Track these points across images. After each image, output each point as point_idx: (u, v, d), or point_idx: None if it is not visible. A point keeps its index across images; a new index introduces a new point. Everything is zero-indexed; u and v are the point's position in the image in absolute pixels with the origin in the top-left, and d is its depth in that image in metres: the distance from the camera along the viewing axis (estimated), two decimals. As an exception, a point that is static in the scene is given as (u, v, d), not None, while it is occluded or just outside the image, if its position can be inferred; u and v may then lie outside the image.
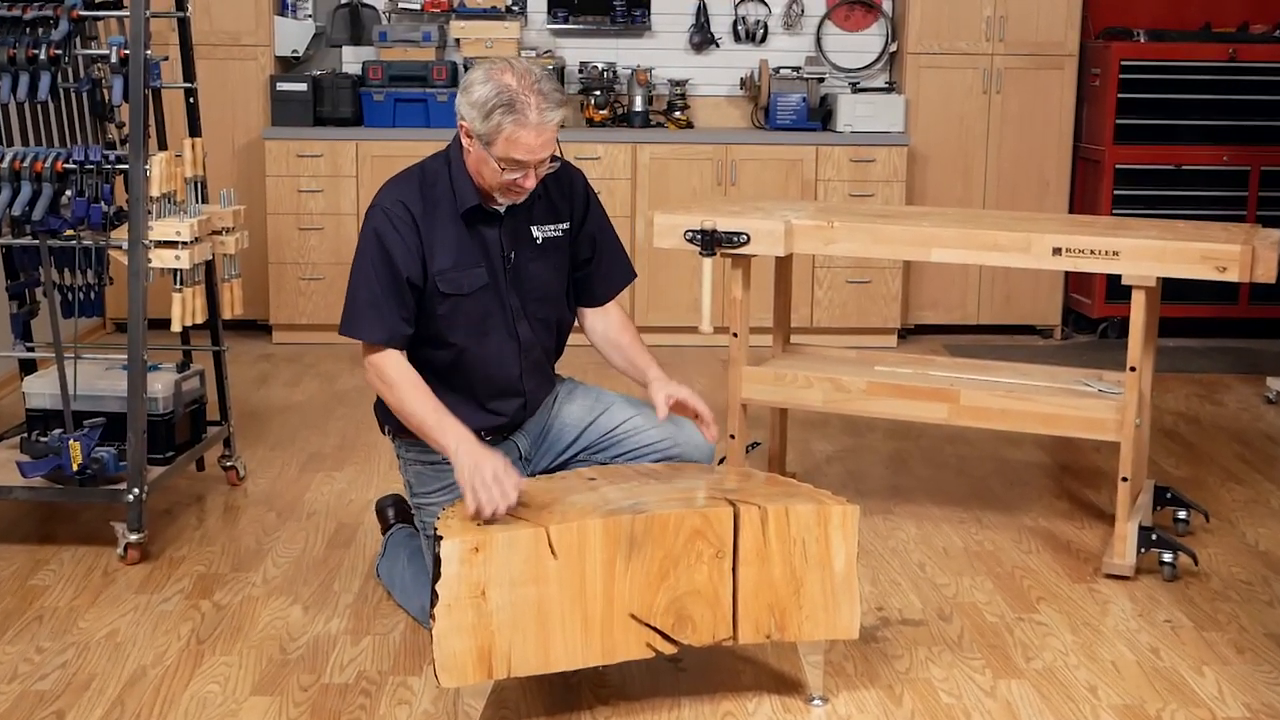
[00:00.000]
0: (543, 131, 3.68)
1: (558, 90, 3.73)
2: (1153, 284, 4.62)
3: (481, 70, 3.74)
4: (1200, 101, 8.25)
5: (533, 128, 3.67)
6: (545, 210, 3.99)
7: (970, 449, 6.22)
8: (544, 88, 3.69)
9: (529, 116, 3.66)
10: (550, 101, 3.68)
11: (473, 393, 3.99)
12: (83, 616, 4.31)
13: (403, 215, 3.82)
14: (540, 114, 3.67)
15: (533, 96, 3.66)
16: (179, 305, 4.94)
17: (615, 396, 4.22)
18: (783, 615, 3.68)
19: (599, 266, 4.14)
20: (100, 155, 4.81)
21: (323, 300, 8.04)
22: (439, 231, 3.85)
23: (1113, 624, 4.37)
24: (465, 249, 3.87)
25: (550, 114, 3.68)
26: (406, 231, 3.82)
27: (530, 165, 3.72)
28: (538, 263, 3.98)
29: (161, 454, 5.09)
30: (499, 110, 3.66)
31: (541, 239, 3.97)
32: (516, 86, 3.67)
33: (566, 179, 4.04)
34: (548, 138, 3.71)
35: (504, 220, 3.92)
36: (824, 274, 8.12)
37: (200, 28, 7.56)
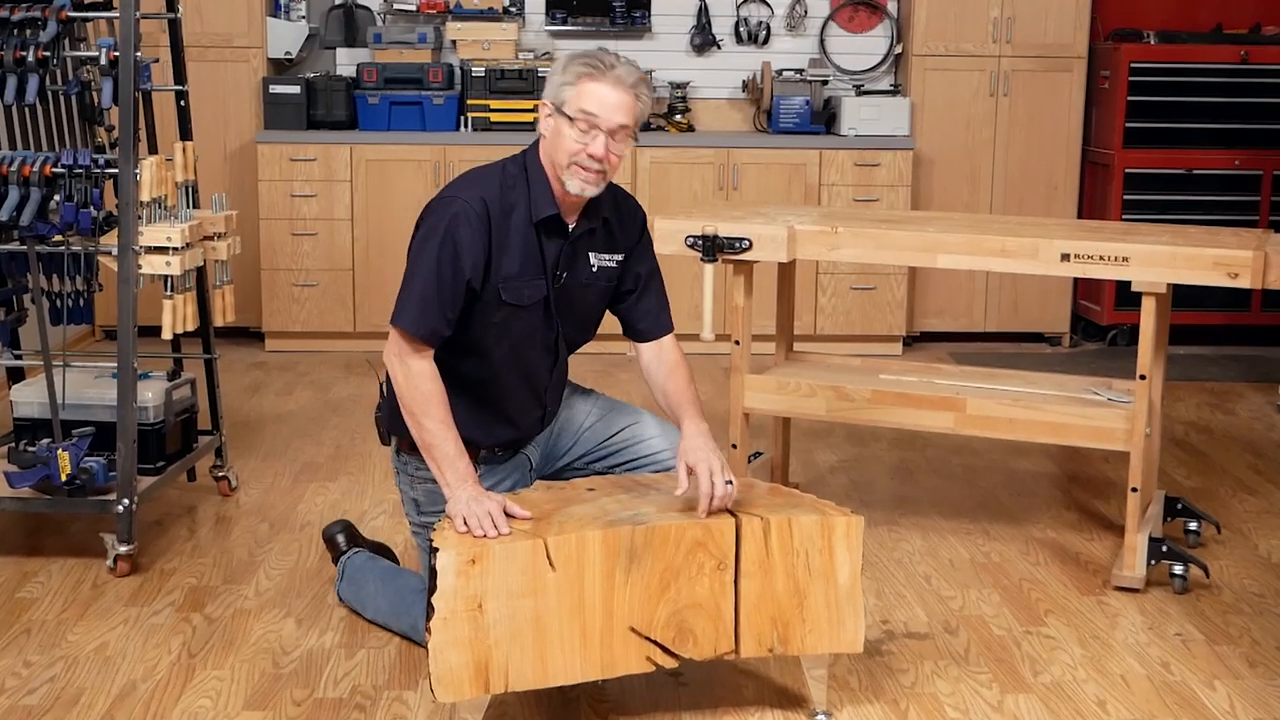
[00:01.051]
0: (619, 88, 3.73)
1: (634, 64, 3.80)
2: (1163, 290, 4.63)
3: (561, 57, 3.87)
4: (1211, 104, 8.26)
5: (609, 81, 3.71)
6: (605, 238, 3.98)
7: (977, 459, 6.22)
8: (620, 59, 3.77)
9: (607, 73, 3.72)
10: (626, 65, 3.75)
11: (499, 405, 3.97)
12: (72, 630, 4.32)
13: (481, 214, 3.78)
14: (618, 71, 3.73)
15: (612, 59, 3.75)
16: (170, 312, 4.94)
17: (617, 403, 4.23)
18: (785, 628, 3.68)
19: (639, 301, 4.09)
20: (89, 159, 4.82)
21: (316, 307, 8.04)
22: (511, 236, 3.82)
23: (1122, 637, 4.38)
24: (531, 259, 3.85)
25: (628, 74, 3.74)
26: (481, 230, 3.78)
27: (603, 127, 3.73)
28: (587, 288, 3.98)
29: (152, 464, 5.09)
30: (578, 62, 3.74)
31: (596, 266, 3.97)
32: (595, 54, 3.76)
33: (630, 211, 4.06)
34: (623, 100, 3.74)
35: (569, 239, 3.89)
36: (828, 280, 8.13)
37: (191, 29, 7.57)
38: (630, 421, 4.14)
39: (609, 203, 3.96)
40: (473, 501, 3.56)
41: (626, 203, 4.07)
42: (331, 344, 8.12)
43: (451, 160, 7.90)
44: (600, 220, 3.93)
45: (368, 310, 8.04)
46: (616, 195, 4.03)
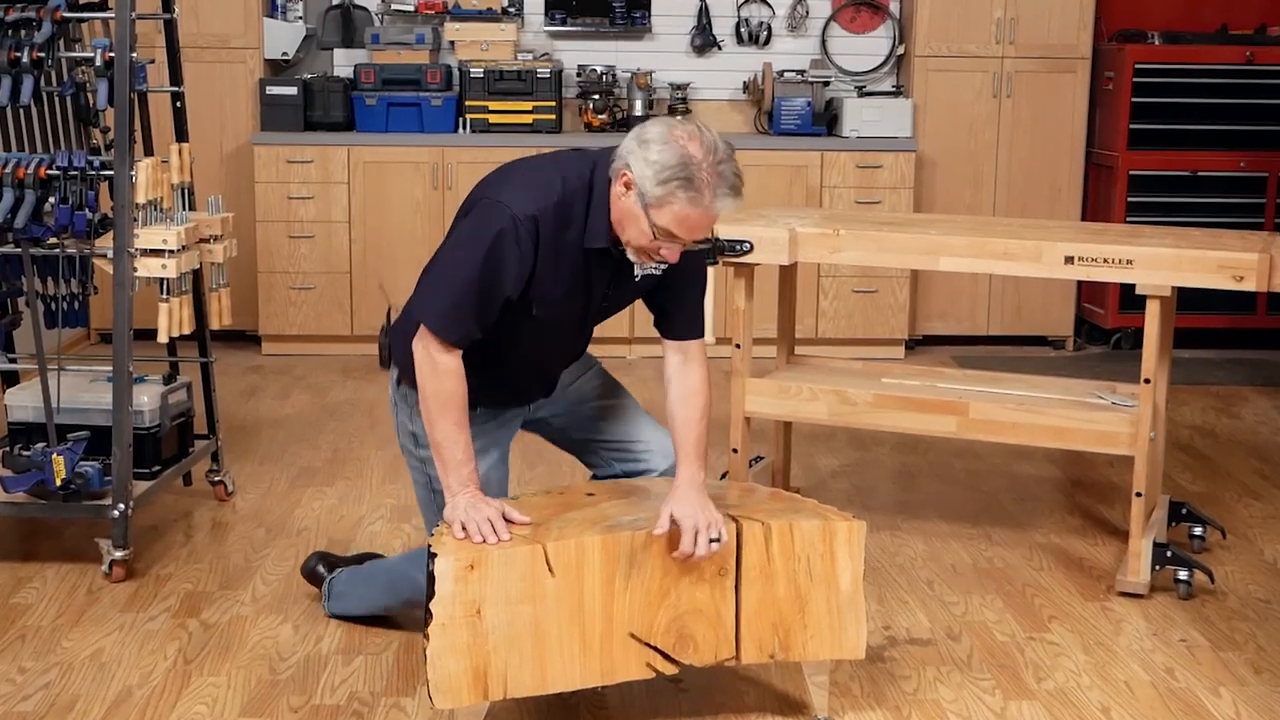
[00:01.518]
0: (712, 215, 3.51)
1: (738, 176, 3.51)
2: (1168, 294, 4.63)
3: (664, 127, 3.52)
4: (1216, 105, 8.26)
5: (704, 209, 3.48)
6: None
7: (980, 463, 6.22)
8: (726, 170, 3.48)
9: (704, 197, 3.46)
10: (728, 187, 3.48)
11: (507, 378, 3.91)
12: (66, 636, 4.32)
13: (530, 233, 3.57)
14: (716, 198, 3.47)
15: (714, 178, 3.45)
16: (165, 315, 4.94)
17: (616, 388, 4.18)
18: (787, 634, 3.68)
19: (675, 296, 3.85)
20: (85, 161, 4.82)
21: (313, 310, 8.05)
22: (560, 258, 3.65)
23: (1126, 643, 4.38)
24: (577, 282, 3.71)
25: (725, 202, 3.49)
26: (527, 250, 3.58)
27: (683, 243, 3.56)
28: (626, 296, 3.87)
29: (147, 469, 5.09)
30: (676, 182, 3.45)
31: (640, 275, 3.77)
32: (700, 160, 3.45)
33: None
34: (713, 221, 3.54)
35: (619, 260, 3.72)
36: (829, 283, 8.13)
37: (187, 30, 7.57)
38: (626, 422, 4.12)
39: None
40: (471, 508, 3.56)
41: None
42: (328, 347, 8.12)
43: (450, 162, 7.90)
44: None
45: (365, 313, 8.04)
46: None
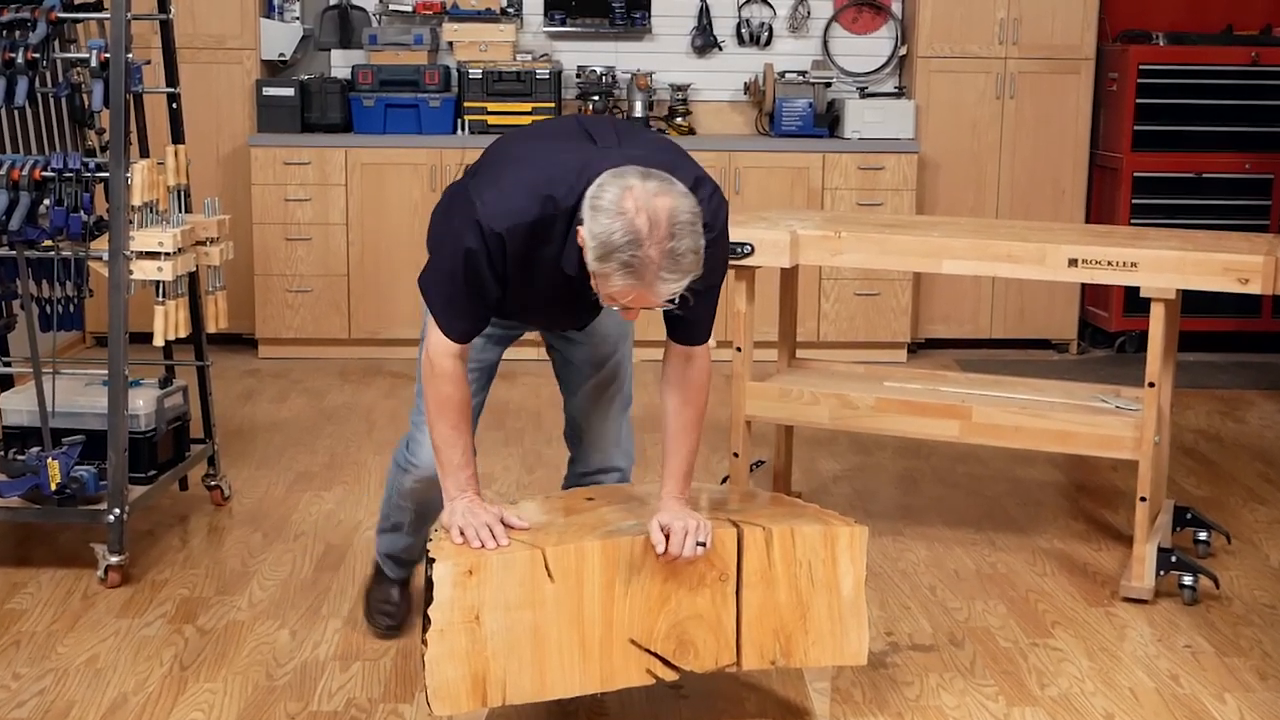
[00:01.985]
0: (658, 296, 3.29)
1: (695, 251, 3.26)
2: (1172, 296, 4.64)
3: (618, 191, 3.27)
4: (1221, 107, 8.27)
5: (645, 290, 3.28)
6: None
7: (983, 468, 6.22)
8: (680, 247, 3.23)
9: (643, 280, 3.25)
10: (679, 268, 3.24)
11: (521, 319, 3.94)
12: (61, 642, 4.32)
13: (498, 248, 3.44)
14: (660, 283, 3.25)
15: (661, 258, 3.23)
16: (161, 319, 4.95)
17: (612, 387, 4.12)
18: (788, 640, 3.68)
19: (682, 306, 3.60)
20: (80, 163, 4.82)
21: (310, 313, 8.05)
22: (533, 270, 3.52)
23: (1131, 649, 4.38)
24: (556, 289, 3.54)
25: (670, 286, 3.26)
26: (497, 262, 3.47)
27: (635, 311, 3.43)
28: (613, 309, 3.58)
29: (143, 473, 5.09)
30: (614, 263, 3.24)
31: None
32: (647, 236, 3.22)
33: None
34: (664, 298, 3.30)
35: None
36: (831, 286, 8.13)
37: (183, 30, 7.58)
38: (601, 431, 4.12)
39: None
40: (469, 513, 3.56)
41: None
42: (326, 351, 8.12)
43: (449, 164, 7.91)
44: None
45: (363, 316, 8.05)
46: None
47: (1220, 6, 8.71)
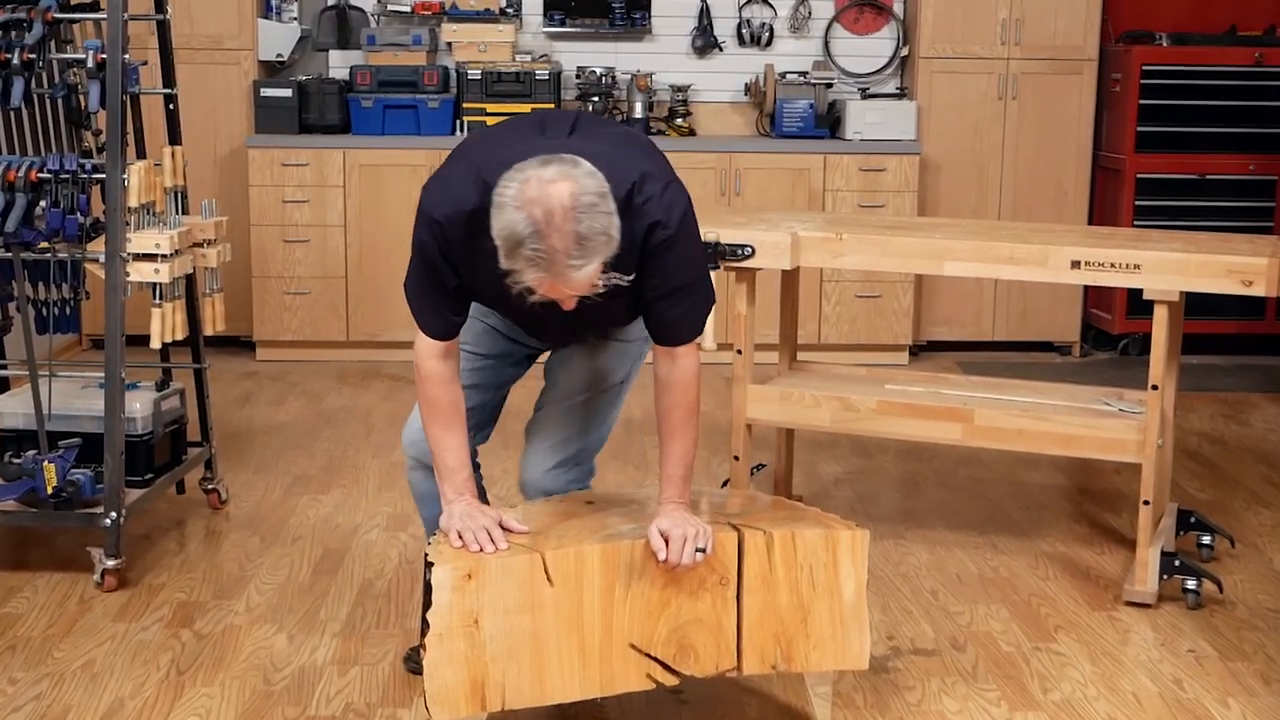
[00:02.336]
0: (572, 284, 3.26)
1: (604, 232, 3.22)
2: (1175, 299, 4.64)
3: (518, 185, 3.22)
4: (1225, 108, 8.27)
5: (559, 281, 3.24)
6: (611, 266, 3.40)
7: (985, 471, 6.23)
8: (585, 230, 3.19)
9: (554, 270, 3.21)
10: (587, 252, 3.20)
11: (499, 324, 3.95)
12: (58, 646, 4.32)
13: (440, 237, 3.49)
14: (571, 270, 3.21)
15: (566, 244, 3.18)
16: (158, 321, 4.95)
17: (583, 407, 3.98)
18: (789, 645, 3.68)
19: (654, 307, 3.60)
20: (76, 164, 4.83)
21: (308, 316, 8.05)
22: (476, 261, 3.47)
23: (1134, 654, 4.38)
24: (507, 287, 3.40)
25: (582, 271, 3.22)
26: (446, 251, 3.52)
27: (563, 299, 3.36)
28: (592, 306, 3.44)
29: (140, 476, 5.09)
30: (521, 257, 3.21)
31: (600, 284, 3.36)
32: (546, 224, 3.17)
33: (638, 238, 3.45)
34: (581, 284, 3.27)
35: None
36: (832, 288, 8.13)
37: (180, 31, 7.59)
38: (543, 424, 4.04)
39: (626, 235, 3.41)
40: (467, 516, 3.56)
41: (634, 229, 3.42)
42: (324, 353, 8.12)
43: (447, 165, 7.90)
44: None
45: (361, 319, 8.05)
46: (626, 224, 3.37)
47: (1224, 7, 8.71)
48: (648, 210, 3.44)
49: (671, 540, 3.51)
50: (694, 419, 3.68)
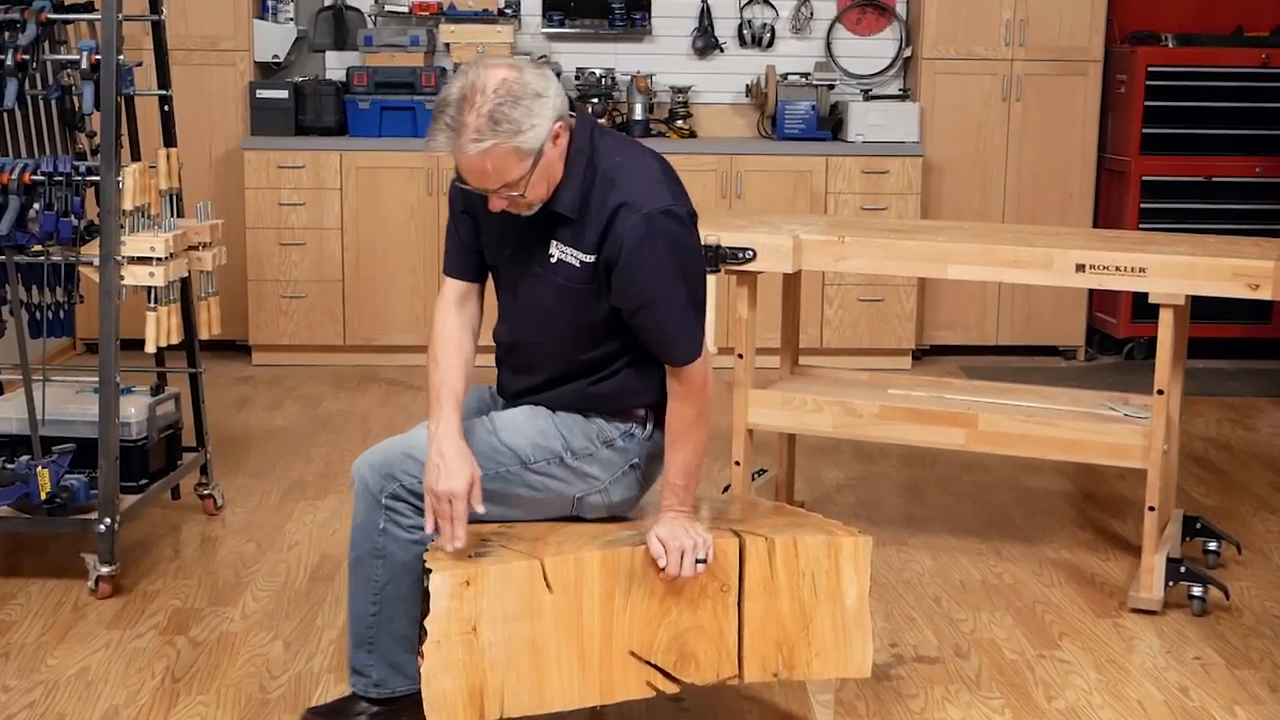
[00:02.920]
0: (461, 158, 3.40)
1: (516, 124, 3.35)
2: (1181, 302, 4.64)
3: (462, 69, 3.49)
4: (1232, 109, 8.28)
5: (458, 149, 3.40)
6: (572, 230, 3.56)
7: (989, 476, 6.23)
8: (498, 112, 3.34)
9: (456, 143, 3.38)
10: (489, 133, 3.35)
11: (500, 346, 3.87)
12: (51, 653, 4.32)
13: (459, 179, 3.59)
14: (468, 143, 3.37)
15: (476, 118, 3.35)
16: (153, 325, 4.95)
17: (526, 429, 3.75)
18: (791, 652, 3.68)
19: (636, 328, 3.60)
20: (70, 166, 4.83)
21: (305, 319, 8.05)
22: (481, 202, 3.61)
23: (1139, 661, 4.38)
24: (491, 221, 3.62)
25: (477, 146, 3.37)
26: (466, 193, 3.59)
27: (483, 191, 3.46)
28: (538, 279, 3.59)
29: (134, 482, 5.09)
30: (441, 118, 3.40)
31: (556, 258, 3.57)
32: (467, 95, 3.36)
33: (606, 204, 3.52)
34: (474, 166, 3.40)
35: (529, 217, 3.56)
36: (834, 292, 8.14)
37: (176, 32, 7.58)
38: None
39: (595, 194, 3.54)
40: (442, 465, 3.48)
41: (607, 194, 3.52)
42: (320, 357, 8.13)
43: (445, 168, 7.91)
44: (559, 209, 3.55)
45: (358, 322, 8.05)
46: (599, 185, 3.53)
47: (1230, 7, 8.72)
48: (627, 189, 3.53)
49: (670, 551, 3.49)
50: (696, 430, 3.63)
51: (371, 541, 3.65)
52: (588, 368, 3.69)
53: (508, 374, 3.82)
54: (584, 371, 3.70)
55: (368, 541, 3.66)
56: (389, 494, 3.61)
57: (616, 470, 3.75)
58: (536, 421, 3.71)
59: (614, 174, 3.55)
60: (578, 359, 3.68)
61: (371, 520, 3.64)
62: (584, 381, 3.70)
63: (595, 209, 3.52)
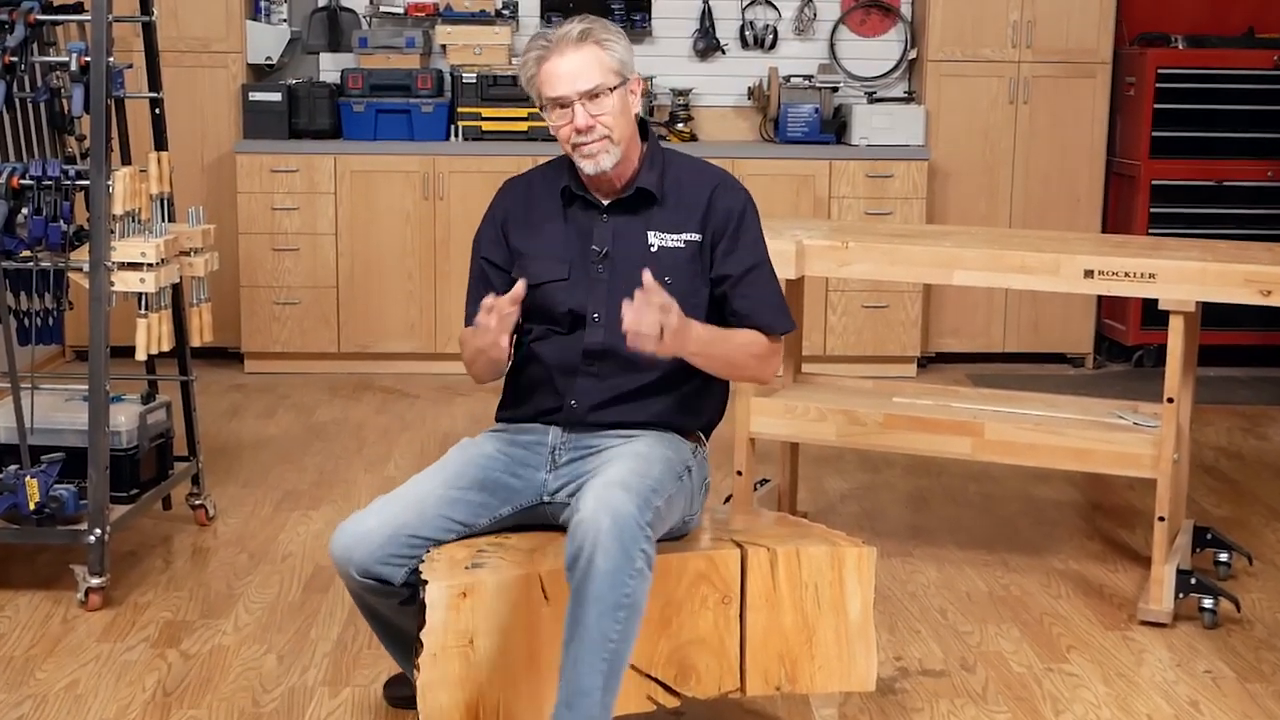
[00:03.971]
0: (567, 53, 3.63)
1: (609, 33, 3.68)
2: (1192, 309, 4.65)
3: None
4: (1243, 112, 8.28)
5: (556, 53, 3.62)
6: (666, 216, 3.76)
7: (995, 486, 6.23)
8: (587, 27, 3.65)
9: (551, 43, 3.63)
10: (585, 38, 3.64)
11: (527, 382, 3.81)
12: (40, 666, 4.32)
13: (504, 193, 3.88)
14: (563, 33, 3.64)
15: (566, 33, 3.63)
16: (144, 332, 4.95)
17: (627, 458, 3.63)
18: (794, 665, 3.69)
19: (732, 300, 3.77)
20: (59, 170, 4.83)
21: (298, 326, 8.06)
22: (535, 213, 3.80)
23: (1149, 675, 4.38)
24: (552, 235, 3.77)
25: (574, 31, 3.63)
26: (498, 210, 3.84)
27: (570, 100, 3.62)
28: (648, 271, 3.52)
29: (125, 492, 5.09)
30: (528, 53, 3.67)
31: (656, 246, 3.73)
32: (545, 30, 3.69)
33: (702, 185, 3.81)
34: (578, 63, 3.63)
35: (609, 213, 3.75)
36: (838, 298, 8.14)
37: (167, 33, 7.59)
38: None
39: (669, 177, 3.80)
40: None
41: (698, 178, 3.84)
42: (314, 365, 8.13)
43: (441, 171, 7.92)
44: (648, 194, 3.75)
45: (352, 329, 8.06)
46: (685, 171, 3.85)
47: (1242, 8, 8.73)
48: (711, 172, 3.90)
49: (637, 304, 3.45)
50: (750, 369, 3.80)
51: (362, 601, 3.69)
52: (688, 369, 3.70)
53: (590, 385, 3.72)
54: (683, 373, 3.72)
55: (358, 600, 3.70)
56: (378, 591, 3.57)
57: (699, 488, 3.80)
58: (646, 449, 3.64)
59: (690, 164, 3.90)
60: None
61: (358, 593, 3.65)
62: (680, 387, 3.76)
63: (689, 192, 3.80)
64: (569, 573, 3.30)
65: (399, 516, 3.54)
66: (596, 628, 3.26)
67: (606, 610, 3.26)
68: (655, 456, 3.58)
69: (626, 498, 3.33)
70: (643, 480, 3.43)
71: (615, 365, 3.70)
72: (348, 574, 3.55)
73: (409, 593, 3.52)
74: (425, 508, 3.57)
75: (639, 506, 3.33)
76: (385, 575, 3.51)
